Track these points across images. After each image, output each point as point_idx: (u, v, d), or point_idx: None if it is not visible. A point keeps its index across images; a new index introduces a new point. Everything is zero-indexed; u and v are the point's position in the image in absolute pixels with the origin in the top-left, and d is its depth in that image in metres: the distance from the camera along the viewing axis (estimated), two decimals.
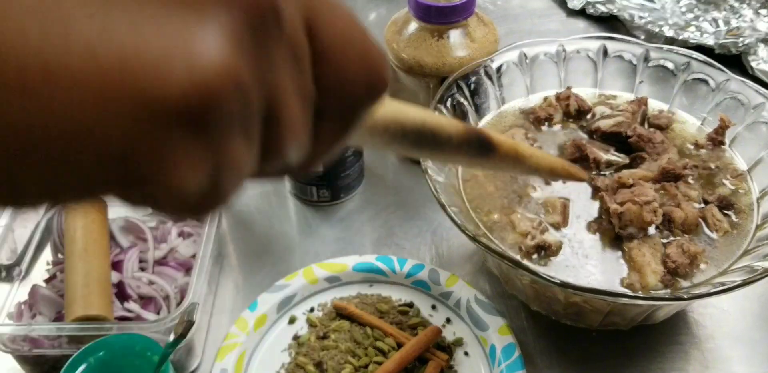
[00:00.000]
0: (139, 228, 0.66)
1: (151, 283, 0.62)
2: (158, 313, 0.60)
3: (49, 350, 0.57)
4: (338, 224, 0.72)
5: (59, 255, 0.65)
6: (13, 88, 0.17)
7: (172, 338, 0.52)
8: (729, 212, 0.59)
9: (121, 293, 0.60)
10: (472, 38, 0.68)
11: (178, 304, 0.60)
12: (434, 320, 0.63)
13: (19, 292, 0.63)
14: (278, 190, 0.75)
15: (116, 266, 0.62)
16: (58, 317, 0.60)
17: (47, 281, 0.62)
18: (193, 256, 0.64)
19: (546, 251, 0.56)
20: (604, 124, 0.64)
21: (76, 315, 0.56)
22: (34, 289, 0.61)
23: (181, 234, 0.66)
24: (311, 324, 0.63)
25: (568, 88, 0.68)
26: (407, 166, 0.77)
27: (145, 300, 0.61)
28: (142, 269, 0.63)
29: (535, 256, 0.56)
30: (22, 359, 0.59)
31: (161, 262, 0.64)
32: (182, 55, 0.19)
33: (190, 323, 0.52)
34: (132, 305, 0.60)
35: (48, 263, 0.65)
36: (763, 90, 0.63)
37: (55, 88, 0.17)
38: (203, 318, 0.63)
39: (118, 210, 0.67)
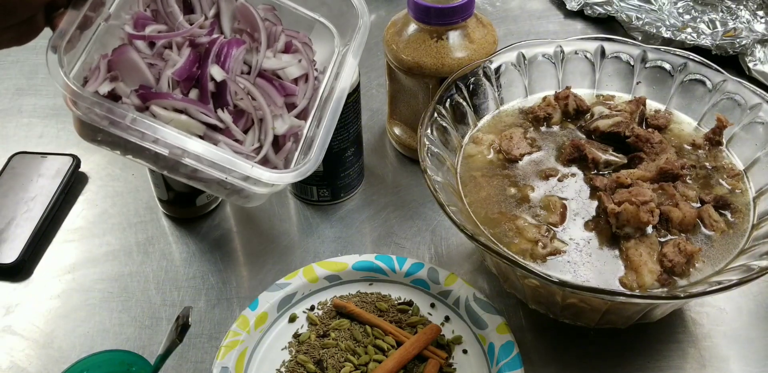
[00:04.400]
0: (253, 19, 0.56)
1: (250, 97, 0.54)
2: (246, 132, 0.53)
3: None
4: (338, 224, 0.72)
5: None
6: None
7: (162, 350, 0.52)
8: (725, 212, 0.60)
9: (219, 94, 0.53)
10: (471, 39, 0.69)
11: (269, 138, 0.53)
12: (433, 319, 0.63)
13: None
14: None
15: (221, 58, 0.54)
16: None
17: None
18: (296, 79, 0.57)
19: (555, 256, 0.57)
20: (603, 124, 0.65)
21: None
22: (122, 48, 0.51)
23: (288, 47, 0.58)
24: (311, 323, 0.63)
25: (568, 87, 0.68)
26: (407, 166, 0.78)
27: (238, 112, 0.53)
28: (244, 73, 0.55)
29: (540, 261, 0.57)
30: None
31: (263, 74, 0.56)
32: None
33: (186, 327, 0.52)
34: (225, 115, 0.52)
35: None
36: (759, 90, 0.63)
37: None
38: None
39: None
